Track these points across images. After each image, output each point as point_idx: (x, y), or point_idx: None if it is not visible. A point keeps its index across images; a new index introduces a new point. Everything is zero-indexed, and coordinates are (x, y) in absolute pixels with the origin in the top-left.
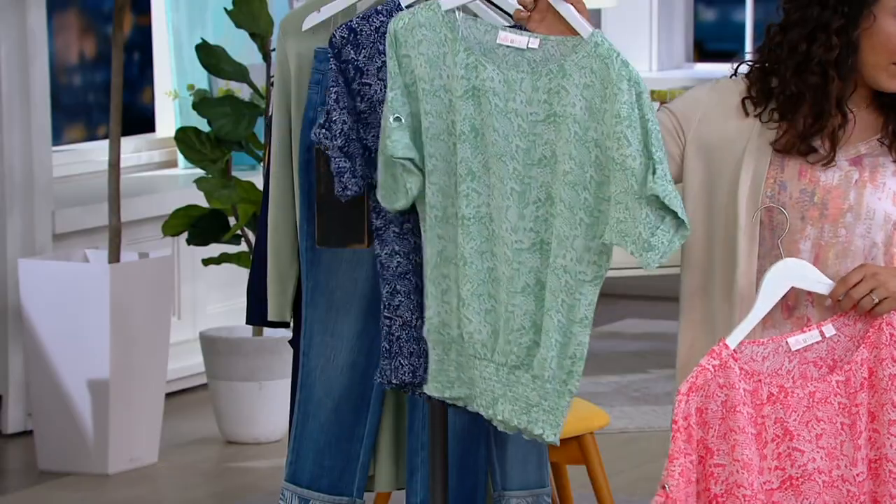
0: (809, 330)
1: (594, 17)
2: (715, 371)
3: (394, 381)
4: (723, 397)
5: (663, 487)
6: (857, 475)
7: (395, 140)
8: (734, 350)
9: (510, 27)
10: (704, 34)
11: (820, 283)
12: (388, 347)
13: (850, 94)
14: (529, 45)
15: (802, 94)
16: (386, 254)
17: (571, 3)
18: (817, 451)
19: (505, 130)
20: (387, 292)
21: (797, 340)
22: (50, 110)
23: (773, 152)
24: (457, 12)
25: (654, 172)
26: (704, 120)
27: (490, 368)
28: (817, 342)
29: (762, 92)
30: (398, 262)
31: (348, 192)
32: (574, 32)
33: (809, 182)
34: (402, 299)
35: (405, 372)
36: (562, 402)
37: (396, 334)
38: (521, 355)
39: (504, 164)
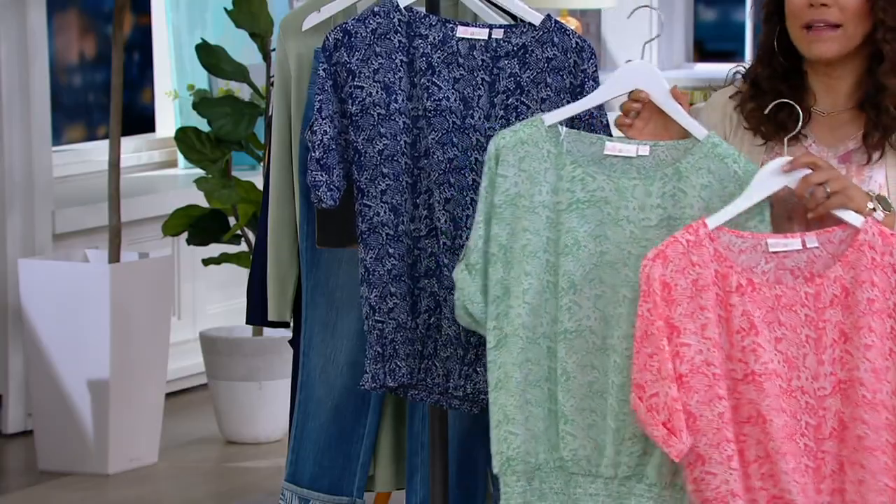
0: (792, 237)
1: (594, 17)
2: (688, 245)
3: (389, 384)
4: (694, 276)
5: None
6: (818, 389)
7: (466, 292)
8: (712, 230)
9: (617, 139)
10: (704, 34)
11: None
12: (380, 351)
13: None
14: (639, 153)
15: (760, 80)
16: (371, 258)
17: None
18: (775, 354)
19: (617, 239)
20: (375, 296)
21: (776, 242)
22: (50, 110)
23: (764, 154)
24: (560, 127)
25: None
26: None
27: (597, 484)
28: (797, 250)
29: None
30: (392, 264)
31: (324, 205)
32: (679, 134)
33: None
34: (398, 301)
35: (403, 374)
36: None
37: (390, 337)
38: (633, 465)
39: (617, 271)
